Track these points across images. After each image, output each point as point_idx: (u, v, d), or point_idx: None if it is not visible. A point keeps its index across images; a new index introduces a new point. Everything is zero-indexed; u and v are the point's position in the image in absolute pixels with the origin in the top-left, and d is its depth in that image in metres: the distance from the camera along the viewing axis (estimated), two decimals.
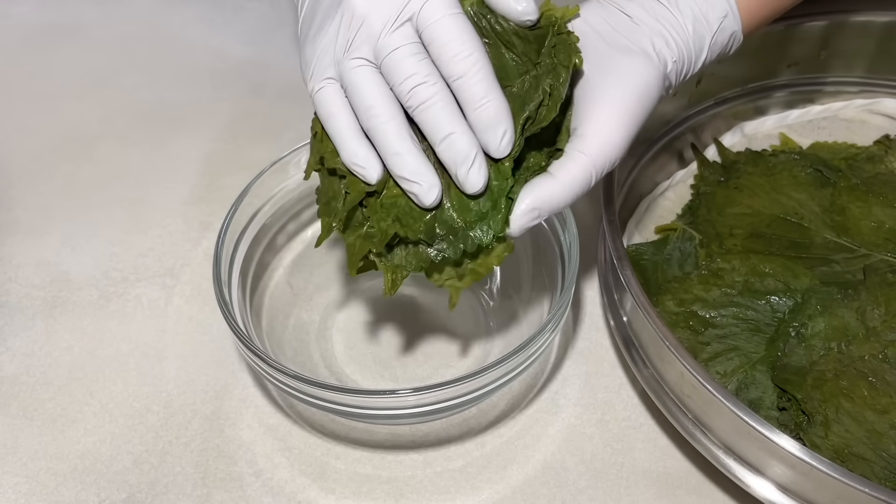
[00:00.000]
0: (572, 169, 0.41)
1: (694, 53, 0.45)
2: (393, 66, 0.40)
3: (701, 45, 0.45)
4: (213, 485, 0.49)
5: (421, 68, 0.39)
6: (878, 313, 0.49)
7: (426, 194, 0.40)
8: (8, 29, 0.80)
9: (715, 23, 0.45)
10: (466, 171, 0.40)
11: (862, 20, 0.61)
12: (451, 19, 0.39)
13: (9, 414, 0.53)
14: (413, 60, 0.39)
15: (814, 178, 0.58)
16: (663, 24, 0.44)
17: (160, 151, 0.69)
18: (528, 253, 0.57)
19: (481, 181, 0.40)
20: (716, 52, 0.46)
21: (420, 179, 0.40)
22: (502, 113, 0.40)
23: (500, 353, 0.48)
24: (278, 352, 0.53)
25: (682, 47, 0.44)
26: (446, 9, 0.39)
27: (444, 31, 0.39)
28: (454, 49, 0.39)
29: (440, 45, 0.39)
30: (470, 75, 0.39)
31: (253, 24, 0.80)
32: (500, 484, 0.49)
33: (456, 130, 0.40)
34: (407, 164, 0.40)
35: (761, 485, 0.43)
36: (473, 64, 0.39)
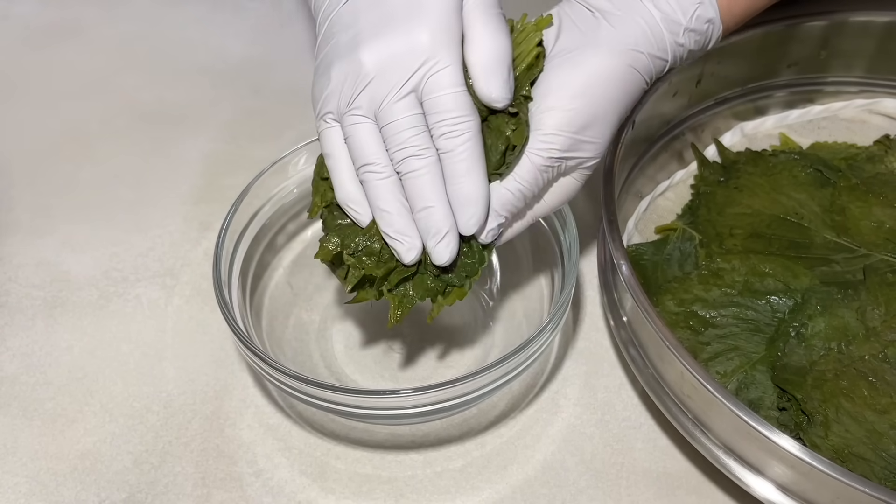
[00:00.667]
0: (531, 170, 0.43)
1: (668, 44, 0.45)
2: (391, 134, 0.42)
3: (676, 32, 0.45)
4: (213, 485, 0.49)
5: (417, 141, 0.42)
6: (878, 313, 0.49)
7: (406, 253, 0.43)
8: (8, 29, 0.80)
9: (690, 9, 0.45)
10: (435, 244, 0.42)
11: (862, 20, 0.61)
12: (452, 97, 0.41)
13: (9, 414, 0.53)
14: (410, 133, 0.41)
15: (814, 178, 0.58)
16: (631, 16, 0.44)
17: (160, 151, 0.69)
18: (528, 253, 0.57)
19: (447, 256, 0.43)
20: (693, 40, 0.46)
21: (402, 239, 0.43)
22: (475, 195, 0.42)
23: (500, 353, 0.48)
24: (278, 352, 0.53)
25: (650, 38, 0.44)
26: (450, 86, 0.41)
27: (443, 106, 0.41)
28: (447, 126, 0.41)
29: (437, 118, 0.41)
30: (457, 153, 0.41)
31: (253, 24, 0.80)
32: (500, 484, 0.49)
33: (435, 205, 0.42)
34: (392, 223, 0.43)
35: (761, 485, 0.43)
36: (462, 143, 0.41)
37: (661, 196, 0.61)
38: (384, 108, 0.41)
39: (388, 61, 0.41)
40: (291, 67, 0.75)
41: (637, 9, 0.44)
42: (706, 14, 0.46)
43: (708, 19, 0.46)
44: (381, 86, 0.41)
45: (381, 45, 0.41)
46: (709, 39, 0.47)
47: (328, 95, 0.43)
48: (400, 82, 0.41)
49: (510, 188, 0.44)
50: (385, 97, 0.41)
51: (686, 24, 0.45)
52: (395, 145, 0.42)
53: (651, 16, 0.44)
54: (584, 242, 0.59)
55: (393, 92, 0.41)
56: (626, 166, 0.58)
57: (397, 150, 0.42)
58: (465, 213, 0.42)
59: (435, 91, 0.41)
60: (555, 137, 0.43)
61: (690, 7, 0.45)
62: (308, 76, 0.46)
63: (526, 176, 0.43)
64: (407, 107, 0.41)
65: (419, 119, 0.42)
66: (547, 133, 0.43)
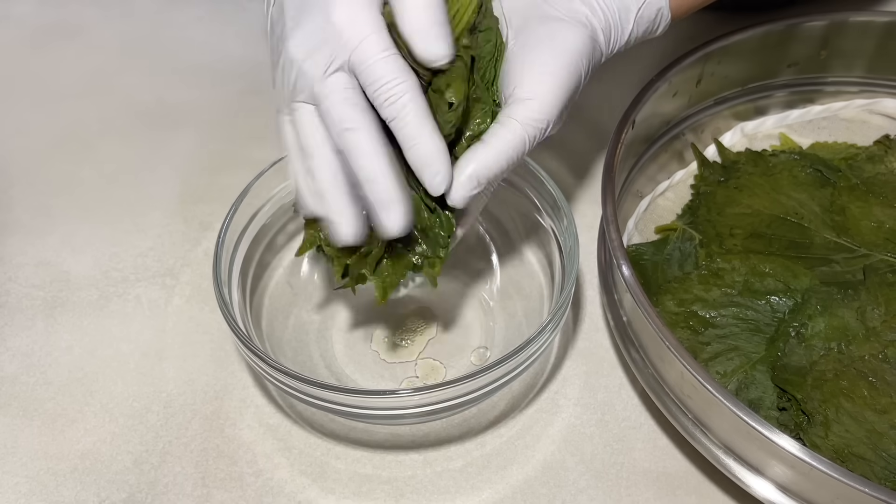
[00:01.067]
0: (505, 136, 0.43)
1: (620, 24, 0.46)
2: (325, 113, 0.41)
3: (627, 16, 0.46)
4: (213, 485, 0.49)
5: (348, 113, 0.41)
6: (878, 313, 0.49)
7: (337, 231, 0.42)
8: (8, 29, 0.80)
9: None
10: (380, 212, 0.42)
11: (862, 20, 0.61)
12: (382, 63, 0.40)
13: (9, 414, 0.53)
14: (342, 107, 0.41)
15: (814, 178, 0.58)
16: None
17: (160, 151, 0.69)
18: (528, 253, 0.57)
19: (395, 226, 0.42)
20: (643, 27, 0.47)
21: (336, 218, 0.42)
22: (433, 154, 0.41)
23: (500, 353, 0.48)
24: (278, 352, 0.53)
25: (608, 16, 0.45)
26: (377, 52, 0.40)
27: (374, 75, 0.40)
28: (385, 93, 0.40)
29: (372, 88, 0.41)
30: (401, 118, 0.41)
31: (253, 24, 0.80)
32: (500, 484, 0.49)
33: (376, 177, 0.41)
34: (327, 203, 0.42)
35: (761, 485, 0.43)
36: (403, 107, 0.40)
37: (661, 196, 0.61)
38: (316, 89, 0.41)
39: (310, 45, 0.41)
40: None
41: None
42: (656, 3, 0.47)
43: (657, 8, 0.47)
44: (308, 68, 0.41)
45: (301, 31, 0.41)
46: (657, 26, 0.48)
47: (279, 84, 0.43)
48: (326, 61, 0.41)
49: (499, 157, 0.43)
50: (314, 80, 0.41)
51: (637, 11, 0.47)
52: (331, 122, 0.41)
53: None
54: (584, 242, 0.59)
55: (320, 71, 0.41)
56: (626, 166, 0.58)
57: (334, 127, 0.41)
58: (429, 173, 0.41)
59: (362, 62, 0.40)
60: (550, 107, 0.43)
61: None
62: None
63: (517, 145, 0.43)
64: (336, 82, 0.41)
65: (352, 93, 0.41)
66: (542, 103, 0.43)
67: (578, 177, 0.64)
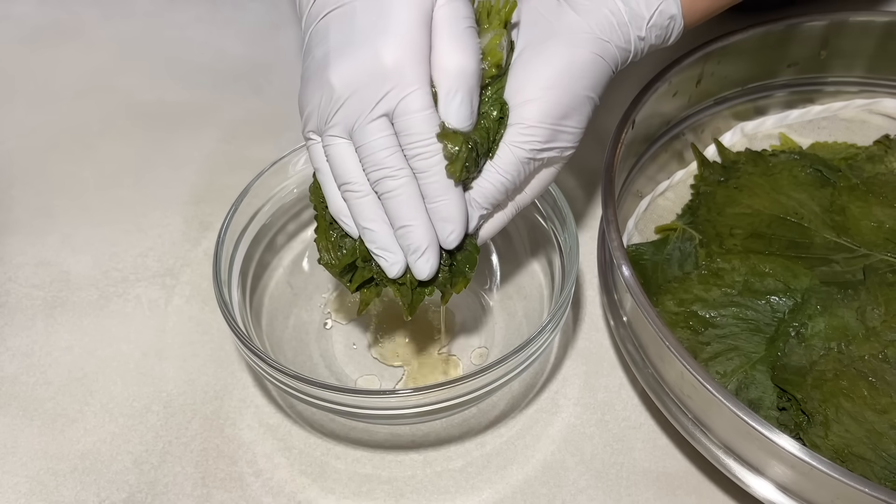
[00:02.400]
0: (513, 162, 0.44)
1: (633, 33, 0.45)
2: (366, 154, 0.42)
3: (639, 26, 0.45)
4: (213, 485, 0.49)
5: (390, 162, 0.42)
6: (878, 313, 0.49)
7: (390, 268, 0.44)
8: (8, 29, 0.80)
9: (654, 3, 0.46)
10: (416, 259, 0.43)
11: (862, 20, 0.61)
12: (421, 118, 0.41)
13: (9, 414, 0.53)
14: (384, 154, 0.42)
15: (814, 178, 0.58)
16: (597, 6, 0.44)
17: (160, 151, 0.69)
18: (528, 253, 0.57)
19: (428, 271, 0.43)
20: (655, 34, 0.47)
21: (385, 255, 0.44)
22: (452, 213, 0.43)
23: (500, 353, 0.48)
24: (278, 352, 0.53)
25: (615, 29, 0.45)
26: (419, 109, 0.41)
27: (413, 129, 0.41)
28: (419, 148, 0.41)
29: (408, 140, 0.42)
30: (430, 174, 0.42)
31: (253, 24, 0.80)
32: (500, 484, 0.49)
33: (413, 223, 0.42)
34: (375, 239, 0.44)
35: (761, 485, 0.43)
36: (434, 164, 0.42)
37: (661, 196, 0.61)
38: (357, 130, 0.42)
39: (355, 83, 0.41)
40: (291, 68, 0.75)
41: (604, 0, 0.45)
42: (669, 10, 0.46)
43: (670, 16, 0.46)
44: (352, 108, 0.41)
45: (347, 65, 0.41)
46: (670, 34, 0.48)
47: (309, 114, 0.43)
48: (370, 105, 0.41)
49: (493, 181, 0.44)
50: (356, 119, 0.41)
51: (649, 19, 0.46)
52: (370, 166, 0.42)
53: (618, 8, 0.45)
54: (584, 242, 0.59)
55: (364, 114, 0.41)
56: (626, 166, 0.58)
57: (372, 171, 0.42)
58: (445, 230, 0.43)
59: (404, 114, 0.41)
60: (536, 129, 0.43)
61: (654, 2, 0.46)
62: None
63: (509, 168, 0.44)
64: (378, 128, 0.41)
65: (392, 140, 0.42)
66: (528, 126, 0.43)
67: (578, 177, 0.64)
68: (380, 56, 0.41)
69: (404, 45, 0.41)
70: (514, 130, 0.43)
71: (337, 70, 0.41)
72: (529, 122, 0.43)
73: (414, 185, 0.42)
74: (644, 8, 0.45)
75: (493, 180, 0.44)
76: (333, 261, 0.46)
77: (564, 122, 0.44)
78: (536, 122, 0.43)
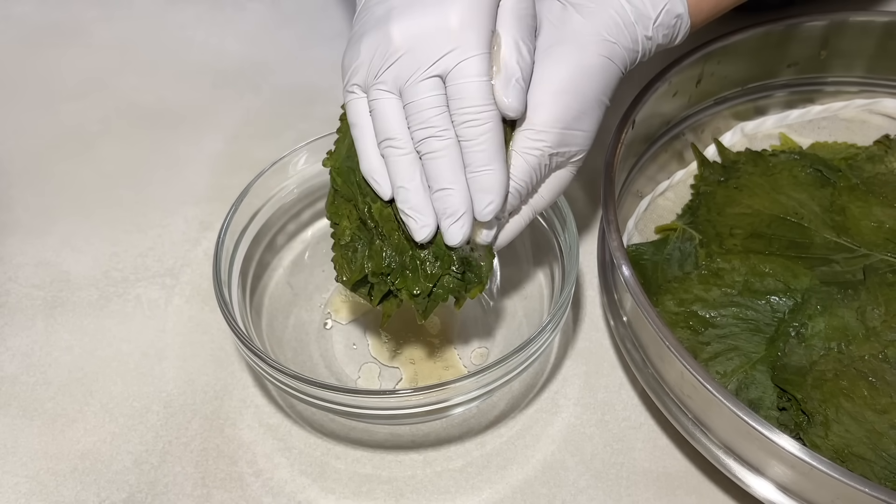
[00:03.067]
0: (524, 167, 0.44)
1: (640, 34, 0.45)
2: (413, 112, 0.42)
3: (646, 26, 0.46)
4: (213, 485, 0.49)
5: (438, 122, 0.42)
6: (878, 313, 0.49)
7: (419, 231, 0.43)
8: (8, 29, 0.80)
9: (660, 3, 0.46)
10: (450, 224, 0.43)
11: (862, 20, 0.61)
12: (477, 85, 0.41)
13: (9, 414, 0.53)
14: (432, 113, 0.42)
15: (814, 178, 0.58)
16: (604, 8, 0.45)
17: (160, 151, 0.69)
18: (528, 253, 0.57)
19: (460, 237, 0.43)
20: (661, 34, 0.47)
21: (416, 216, 0.43)
22: (495, 185, 0.42)
23: (500, 353, 0.48)
24: (278, 352, 0.53)
25: (622, 30, 0.45)
26: (476, 75, 0.41)
27: (467, 94, 0.41)
28: (470, 114, 0.41)
29: (460, 105, 0.41)
30: (478, 142, 0.41)
31: (253, 24, 0.80)
32: (500, 484, 0.49)
33: (453, 187, 0.42)
34: (409, 199, 0.43)
35: (761, 485, 0.43)
36: (483, 133, 0.41)
37: (661, 196, 0.61)
38: (409, 87, 0.42)
39: (416, 39, 0.41)
40: (291, 67, 0.75)
41: (610, 1, 0.45)
42: (675, 9, 0.46)
43: (677, 14, 0.46)
44: (408, 63, 0.41)
45: (412, 21, 0.41)
46: (677, 34, 0.48)
47: (357, 66, 0.43)
48: (427, 63, 0.41)
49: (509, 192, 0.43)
50: (411, 75, 0.41)
51: (655, 19, 0.46)
52: (417, 124, 0.42)
53: (623, 8, 0.45)
54: (584, 242, 0.59)
55: (420, 71, 0.41)
56: (626, 166, 0.58)
57: (418, 129, 0.42)
58: (483, 200, 0.42)
59: (460, 78, 0.41)
60: (546, 134, 0.43)
61: (660, 2, 0.46)
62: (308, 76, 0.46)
63: (520, 174, 0.44)
64: (431, 87, 0.41)
65: (442, 100, 0.42)
66: (538, 130, 0.43)
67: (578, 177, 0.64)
68: (447, 15, 0.41)
69: (470, 13, 0.41)
70: (524, 135, 0.43)
71: (400, 24, 0.41)
72: (540, 127, 0.43)
73: (458, 150, 0.42)
74: (650, 7, 0.45)
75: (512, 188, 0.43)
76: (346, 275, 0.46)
77: (575, 126, 0.44)
78: (547, 127, 0.43)
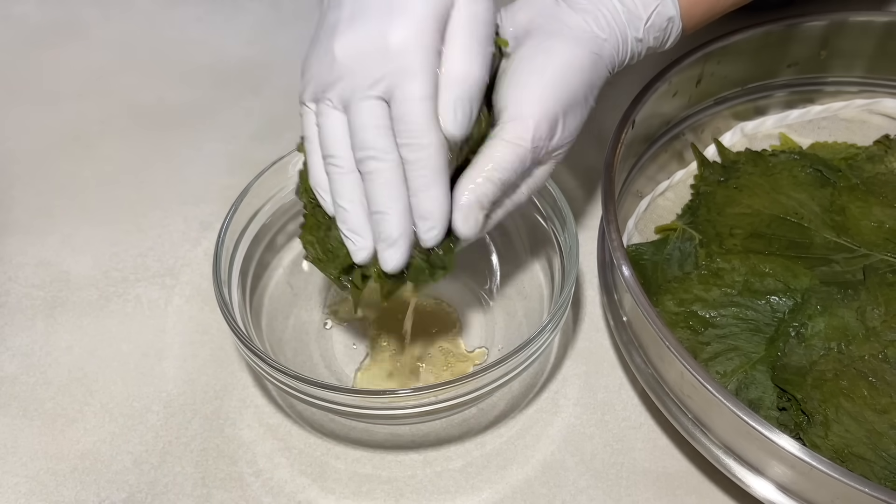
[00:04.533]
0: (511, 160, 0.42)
1: (630, 34, 0.45)
2: (354, 131, 0.41)
3: (637, 27, 0.46)
4: (213, 485, 0.49)
5: (378, 143, 0.41)
6: (878, 313, 0.49)
7: (356, 253, 0.43)
8: (8, 29, 0.80)
9: (651, 4, 0.46)
10: (384, 248, 0.42)
11: (862, 20, 0.61)
12: (419, 108, 0.40)
13: (9, 414, 0.53)
14: (372, 133, 0.41)
15: (814, 178, 0.58)
16: (594, 5, 0.45)
17: (160, 151, 0.69)
18: (528, 253, 0.57)
19: (394, 263, 0.42)
20: (652, 36, 0.47)
21: (354, 238, 0.43)
22: (435, 210, 0.41)
23: (500, 353, 0.48)
24: (278, 352, 0.53)
25: (615, 27, 0.45)
26: (417, 98, 0.40)
27: (407, 117, 0.40)
28: (412, 137, 0.40)
29: (402, 126, 0.40)
30: (419, 165, 0.40)
31: (253, 24, 0.80)
32: (500, 484, 0.49)
33: (389, 210, 0.41)
34: (346, 220, 0.42)
35: (761, 485, 0.43)
36: (425, 157, 0.40)
37: (661, 196, 0.61)
38: (352, 105, 0.41)
39: (356, 58, 0.40)
40: (291, 67, 0.75)
41: (603, 0, 0.45)
42: (667, 12, 0.46)
43: (668, 17, 0.46)
44: (349, 82, 0.41)
45: (353, 37, 0.40)
46: (668, 37, 0.48)
47: (308, 80, 0.43)
48: (367, 83, 0.40)
49: (491, 178, 0.42)
50: (353, 94, 0.41)
51: (647, 20, 0.46)
52: (357, 143, 0.41)
53: (615, 8, 0.45)
54: (584, 242, 0.59)
55: (360, 91, 0.40)
56: (626, 166, 0.58)
57: (359, 149, 0.41)
58: (424, 226, 0.42)
59: (402, 99, 0.40)
60: (534, 127, 0.43)
61: (652, 4, 0.46)
62: None
63: (506, 165, 0.43)
64: (372, 108, 0.40)
65: (384, 120, 0.41)
66: (527, 122, 0.42)
67: (578, 177, 0.64)
68: (386, 35, 0.40)
69: (413, 30, 0.40)
70: (513, 125, 0.43)
71: (342, 41, 0.41)
72: (529, 117, 0.42)
73: (399, 172, 0.41)
74: (641, 9, 0.45)
75: (493, 177, 0.43)
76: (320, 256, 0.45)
77: (562, 120, 0.44)
78: (536, 117, 0.42)
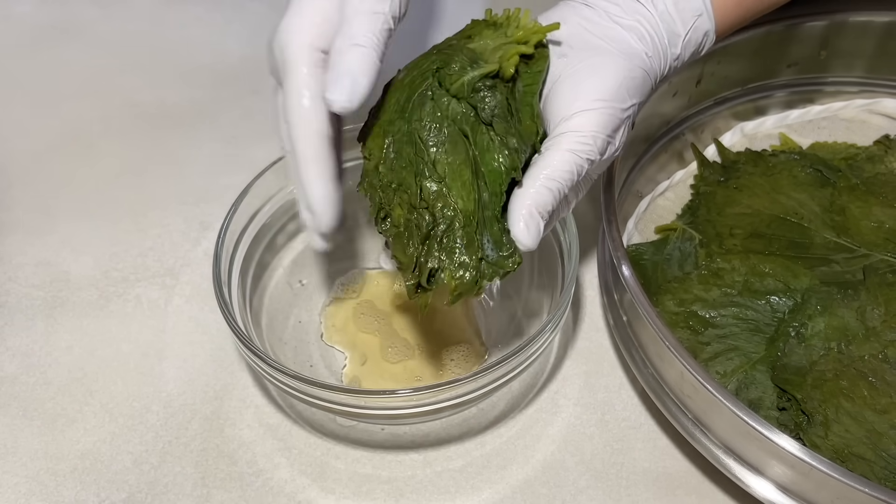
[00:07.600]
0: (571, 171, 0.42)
1: (669, 50, 0.46)
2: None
3: (675, 43, 0.47)
4: (213, 485, 0.49)
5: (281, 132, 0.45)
6: (878, 313, 0.49)
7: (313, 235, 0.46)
8: (8, 29, 0.80)
9: (689, 20, 0.47)
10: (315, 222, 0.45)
11: (862, 20, 0.61)
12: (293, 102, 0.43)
13: (9, 414, 0.53)
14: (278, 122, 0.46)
15: (814, 178, 0.58)
16: (638, 21, 0.45)
17: (160, 151, 0.69)
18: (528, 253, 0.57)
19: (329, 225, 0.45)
20: (689, 51, 0.48)
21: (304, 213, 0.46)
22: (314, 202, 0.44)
23: (500, 353, 0.48)
24: (278, 352, 0.53)
25: (656, 43, 0.46)
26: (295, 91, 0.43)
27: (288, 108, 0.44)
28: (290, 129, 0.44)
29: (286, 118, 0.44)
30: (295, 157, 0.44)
31: (253, 24, 0.80)
32: (500, 484, 0.49)
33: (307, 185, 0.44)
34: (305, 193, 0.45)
35: (761, 485, 0.43)
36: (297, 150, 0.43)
37: (661, 196, 0.61)
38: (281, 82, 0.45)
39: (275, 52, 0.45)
40: None
41: (644, 15, 0.46)
42: (703, 26, 0.47)
43: (704, 31, 0.48)
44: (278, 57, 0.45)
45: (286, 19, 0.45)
46: (702, 48, 0.49)
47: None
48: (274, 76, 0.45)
49: (552, 188, 0.42)
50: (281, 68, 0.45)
51: (685, 36, 0.47)
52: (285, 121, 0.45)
53: (657, 24, 0.46)
54: (584, 242, 0.59)
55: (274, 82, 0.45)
56: (626, 166, 0.58)
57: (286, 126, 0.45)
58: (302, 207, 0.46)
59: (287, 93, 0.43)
60: (593, 139, 0.43)
61: (690, 19, 0.47)
62: None
63: (565, 177, 0.42)
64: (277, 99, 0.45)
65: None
66: (585, 135, 0.43)
67: None
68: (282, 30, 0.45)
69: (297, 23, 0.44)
70: (569, 137, 0.43)
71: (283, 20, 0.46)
72: (587, 132, 0.43)
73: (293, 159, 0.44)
74: (680, 25, 0.46)
75: (553, 188, 0.42)
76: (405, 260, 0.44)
77: (612, 136, 0.44)
78: (594, 132, 0.43)
